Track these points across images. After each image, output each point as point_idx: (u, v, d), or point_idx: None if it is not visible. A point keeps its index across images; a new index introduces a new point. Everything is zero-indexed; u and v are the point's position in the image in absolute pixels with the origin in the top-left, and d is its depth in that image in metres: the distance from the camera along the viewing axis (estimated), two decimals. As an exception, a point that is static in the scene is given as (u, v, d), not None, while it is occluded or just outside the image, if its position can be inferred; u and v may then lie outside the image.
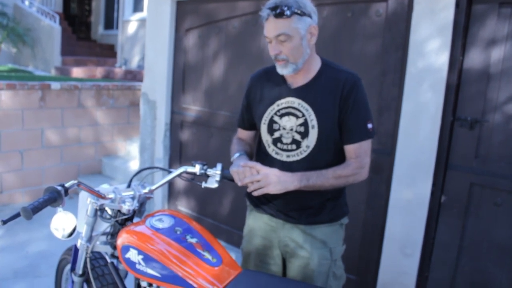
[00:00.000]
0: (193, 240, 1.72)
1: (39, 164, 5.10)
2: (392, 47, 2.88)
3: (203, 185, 1.95)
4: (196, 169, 1.95)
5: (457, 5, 2.58)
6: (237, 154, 1.96)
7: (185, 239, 1.71)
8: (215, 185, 1.94)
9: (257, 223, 2.06)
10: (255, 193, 1.74)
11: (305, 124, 1.83)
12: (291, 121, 1.86)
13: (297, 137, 1.85)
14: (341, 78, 1.82)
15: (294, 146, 1.87)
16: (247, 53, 3.71)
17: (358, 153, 1.83)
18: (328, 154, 1.86)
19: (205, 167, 1.95)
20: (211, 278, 1.60)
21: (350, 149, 1.84)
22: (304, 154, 1.85)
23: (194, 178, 2.01)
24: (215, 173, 1.93)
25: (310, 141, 1.83)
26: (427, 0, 2.67)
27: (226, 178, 1.93)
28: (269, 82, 1.97)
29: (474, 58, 2.59)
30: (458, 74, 2.65)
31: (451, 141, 2.71)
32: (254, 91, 2.04)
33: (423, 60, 2.72)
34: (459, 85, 2.66)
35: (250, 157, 2.00)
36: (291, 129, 1.86)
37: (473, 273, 2.69)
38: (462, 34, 2.60)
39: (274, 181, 1.72)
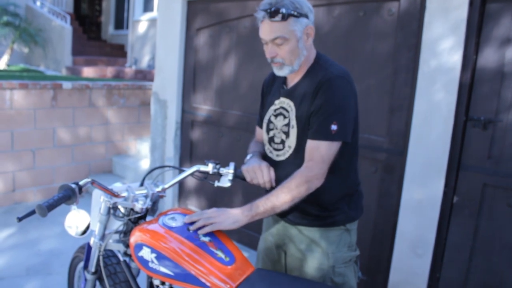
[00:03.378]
0: (206, 239, 1.71)
1: (51, 163, 5.14)
2: (405, 46, 2.87)
3: (216, 184, 1.94)
4: (209, 168, 1.94)
5: (471, 4, 2.56)
6: (250, 155, 1.97)
7: (198, 237, 1.70)
8: (228, 184, 1.93)
9: (267, 224, 2.09)
10: (206, 229, 1.70)
11: (288, 124, 1.82)
12: (281, 121, 1.85)
13: (283, 136, 1.85)
14: (320, 76, 1.74)
15: (281, 146, 1.86)
16: (258, 53, 3.70)
17: (313, 155, 1.70)
18: None
19: (218, 166, 1.94)
20: (224, 277, 1.59)
21: (307, 146, 1.74)
22: (287, 154, 1.84)
23: (206, 177, 2.00)
24: (228, 172, 1.92)
25: (291, 141, 1.82)
26: (440, -1, 2.65)
27: (238, 177, 1.93)
28: (275, 83, 1.98)
29: (487, 57, 2.57)
30: (471, 74, 2.62)
31: (463, 141, 2.68)
32: (265, 93, 2.07)
33: (435, 59, 2.69)
34: (472, 85, 2.64)
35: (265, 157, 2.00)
36: (280, 129, 1.86)
37: (485, 274, 2.66)
38: (475, 33, 2.57)
39: (225, 217, 1.70)
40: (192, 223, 1.74)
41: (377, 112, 3.01)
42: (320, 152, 1.69)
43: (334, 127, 1.67)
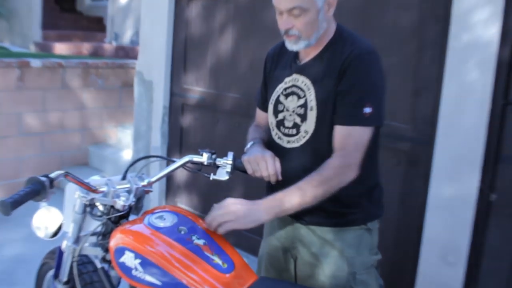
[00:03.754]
0: (200, 242, 1.69)
1: (16, 154, 5.12)
2: (431, 19, 2.85)
3: (212, 177, 1.92)
4: (204, 158, 1.92)
5: (511, -34, 2.53)
6: (250, 143, 1.95)
7: (191, 240, 1.68)
8: (226, 177, 1.91)
9: (270, 225, 2.07)
10: (220, 230, 1.68)
11: (305, 105, 1.80)
12: (294, 102, 1.84)
13: (297, 120, 1.83)
14: (346, 51, 1.73)
15: (294, 131, 1.84)
16: (259, 27, 3.69)
17: (344, 143, 1.70)
18: (329, 142, 1.76)
19: (214, 156, 1.93)
20: (221, 287, 1.57)
21: (336, 133, 1.73)
22: (303, 141, 1.82)
23: (201, 169, 1.98)
24: (226, 163, 1.90)
25: (309, 126, 1.79)
26: (475, -39, 2.61)
27: (238, 169, 1.91)
28: (283, 58, 1.96)
29: (531, 30, 2.54)
30: (511, 49, 2.59)
31: (502, 129, 2.66)
32: (269, 68, 2.04)
33: (468, 33, 2.67)
34: (512, 62, 2.61)
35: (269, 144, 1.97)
36: (293, 111, 1.84)
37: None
38: (517, 2, 2.54)
39: (242, 214, 1.67)
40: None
41: (399, 95, 2.98)
42: (354, 139, 1.70)
43: (367, 109, 1.67)
